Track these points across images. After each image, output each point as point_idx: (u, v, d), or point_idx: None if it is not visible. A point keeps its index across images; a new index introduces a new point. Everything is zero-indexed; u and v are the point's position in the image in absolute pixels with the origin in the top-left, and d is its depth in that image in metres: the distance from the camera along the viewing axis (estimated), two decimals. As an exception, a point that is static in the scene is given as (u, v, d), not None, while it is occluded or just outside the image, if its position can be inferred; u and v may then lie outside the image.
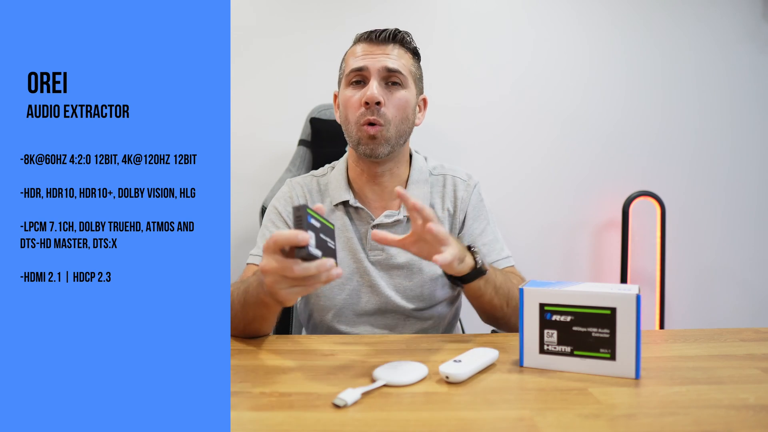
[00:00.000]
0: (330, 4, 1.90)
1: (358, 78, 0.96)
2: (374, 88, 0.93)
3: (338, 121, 1.04)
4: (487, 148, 1.94)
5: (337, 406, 0.54)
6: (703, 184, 1.96)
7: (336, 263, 0.67)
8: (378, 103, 0.93)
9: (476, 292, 0.87)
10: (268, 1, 1.90)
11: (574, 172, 1.94)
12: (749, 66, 1.94)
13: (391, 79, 0.96)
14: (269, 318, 0.83)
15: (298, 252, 0.62)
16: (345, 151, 1.53)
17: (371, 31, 0.98)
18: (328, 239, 0.68)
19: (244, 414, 0.53)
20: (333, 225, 0.71)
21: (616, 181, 1.94)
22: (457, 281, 0.85)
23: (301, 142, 1.53)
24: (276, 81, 1.90)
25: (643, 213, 1.89)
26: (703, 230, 1.96)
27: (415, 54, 1.02)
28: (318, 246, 0.64)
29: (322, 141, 1.50)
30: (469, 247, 0.85)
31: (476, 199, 1.04)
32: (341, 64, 1.03)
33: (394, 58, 0.96)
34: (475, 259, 0.84)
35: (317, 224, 0.66)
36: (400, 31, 0.98)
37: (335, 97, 1.06)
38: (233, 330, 0.86)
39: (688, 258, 1.96)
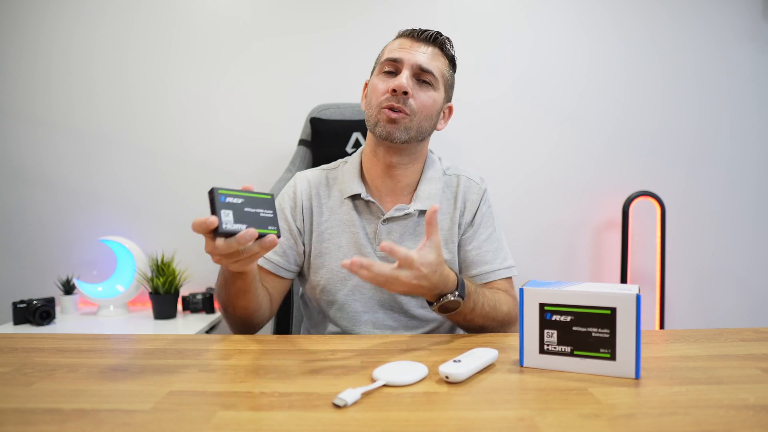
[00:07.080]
0: (330, 4, 1.90)
1: (391, 69, 0.97)
2: (404, 79, 0.94)
3: (362, 108, 1.05)
4: (486, 147, 1.94)
5: (337, 406, 0.54)
6: (703, 184, 1.96)
7: (278, 232, 0.73)
8: (405, 93, 0.94)
9: (462, 320, 0.89)
10: (268, 1, 1.90)
11: (574, 172, 1.94)
12: (749, 66, 1.94)
13: (422, 77, 0.97)
14: (248, 290, 0.87)
15: (215, 232, 0.69)
16: (346, 152, 1.53)
17: (414, 29, 0.99)
18: (260, 210, 0.73)
19: (244, 414, 0.53)
20: (270, 195, 0.75)
21: (616, 181, 1.94)
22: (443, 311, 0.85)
23: (301, 142, 1.53)
24: (276, 81, 1.91)
25: (643, 213, 1.89)
26: (703, 230, 1.96)
27: (452, 61, 1.03)
28: (239, 220, 0.70)
29: (322, 141, 1.50)
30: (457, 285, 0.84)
31: (486, 204, 1.05)
32: (378, 56, 1.04)
33: (430, 58, 0.97)
34: (458, 289, 0.83)
35: (237, 200, 0.71)
36: (441, 35, 0.99)
37: (365, 86, 1.07)
38: (231, 314, 0.91)
39: (687, 258, 1.96)
